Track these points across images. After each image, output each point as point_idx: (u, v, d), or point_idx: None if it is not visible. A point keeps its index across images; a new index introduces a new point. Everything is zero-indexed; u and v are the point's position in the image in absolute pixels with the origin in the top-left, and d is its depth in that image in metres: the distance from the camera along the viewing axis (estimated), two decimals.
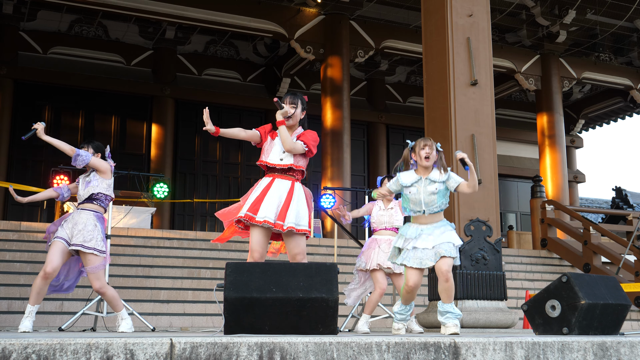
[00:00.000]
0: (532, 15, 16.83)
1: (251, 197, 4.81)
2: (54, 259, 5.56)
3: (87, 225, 5.65)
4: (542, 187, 15.25)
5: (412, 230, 4.91)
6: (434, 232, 4.86)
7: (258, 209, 4.71)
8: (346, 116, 15.27)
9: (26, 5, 15.51)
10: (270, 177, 4.88)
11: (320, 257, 10.76)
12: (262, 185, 4.84)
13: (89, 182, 5.83)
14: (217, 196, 17.52)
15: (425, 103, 8.20)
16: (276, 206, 4.74)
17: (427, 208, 4.87)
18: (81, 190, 5.82)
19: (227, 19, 14.87)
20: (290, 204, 4.77)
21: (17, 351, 2.57)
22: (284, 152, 4.86)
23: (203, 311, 8.75)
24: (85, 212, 5.72)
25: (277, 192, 4.78)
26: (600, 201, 25.94)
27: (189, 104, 17.55)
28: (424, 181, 4.91)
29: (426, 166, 4.92)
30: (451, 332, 4.75)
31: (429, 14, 8.22)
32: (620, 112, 21.79)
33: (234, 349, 2.90)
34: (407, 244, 4.90)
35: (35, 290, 5.55)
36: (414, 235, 4.88)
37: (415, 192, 4.89)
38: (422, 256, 4.83)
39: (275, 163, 4.86)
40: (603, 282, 4.93)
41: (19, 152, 15.77)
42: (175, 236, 10.98)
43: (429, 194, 4.87)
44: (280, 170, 4.87)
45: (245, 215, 4.72)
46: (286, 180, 4.85)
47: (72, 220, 5.69)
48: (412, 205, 4.92)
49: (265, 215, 4.69)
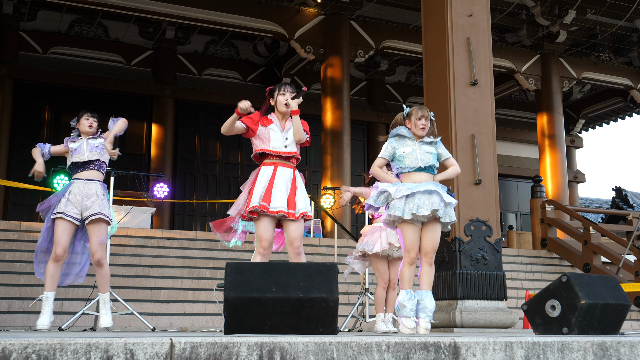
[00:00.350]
0: (532, 15, 16.83)
1: (258, 188, 4.84)
2: (62, 239, 5.46)
3: (99, 195, 5.60)
4: (542, 187, 15.25)
5: (405, 186, 4.89)
6: (428, 185, 4.88)
7: (270, 199, 4.78)
8: (346, 116, 15.27)
9: (26, 5, 15.52)
10: (272, 165, 4.92)
11: (320, 257, 10.75)
12: (267, 175, 4.88)
13: (96, 147, 5.77)
14: (217, 196, 17.52)
15: (425, 103, 8.20)
16: (285, 195, 4.83)
17: (424, 163, 4.94)
18: (86, 152, 5.70)
19: (227, 19, 14.87)
20: (297, 191, 4.89)
21: (17, 351, 2.57)
22: (286, 138, 4.94)
23: (203, 311, 8.75)
24: (92, 182, 5.64)
25: (283, 181, 4.86)
26: (600, 201, 25.95)
27: (189, 104, 17.55)
28: (417, 142, 5.04)
29: (421, 135, 5.05)
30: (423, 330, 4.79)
31: (429, 14, 8.22)
32: (620, 112, 21.79)
33: (234, 349, 2.90)
34: (400, 192, 4.85)
35: (49, 274, 5.47)
36: (409, 187, 4.86)
37: (411, 151, 4.98)
38: (419, 203, 4.78)
39: (280, 150, 4.93)
40: (603, 282, 4.93)
41: (19, 152, 15.77)
42: (175, 236, 10.98)
43: (425, 152, 4.99)
44: (283, 157, 4.93)
45: (261, 206, 4.76)
46: (288, 168, 4.93)
47: (79, 193, 5.57)
48: (407, 162, 4.95)
49: (279, 205, 4.79)
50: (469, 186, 7.52)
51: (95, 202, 5.57)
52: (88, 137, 5.83)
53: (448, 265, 7.43)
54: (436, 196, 4.83)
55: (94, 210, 5.54)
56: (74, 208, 5.53)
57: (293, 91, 5.03)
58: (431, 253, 4.87)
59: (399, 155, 5.01)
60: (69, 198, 5.55)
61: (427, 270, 4.88)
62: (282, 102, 4.99)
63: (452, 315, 7.15)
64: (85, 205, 5.55)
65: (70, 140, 5.82)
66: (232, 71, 18.28)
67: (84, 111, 5.97)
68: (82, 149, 5.74)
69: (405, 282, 4.90)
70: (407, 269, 4.90)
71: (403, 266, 4.90)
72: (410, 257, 4.86)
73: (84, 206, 5.55)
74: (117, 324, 7.91)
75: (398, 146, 5.04)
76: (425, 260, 4.88)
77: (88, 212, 5.54)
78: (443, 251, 7.50)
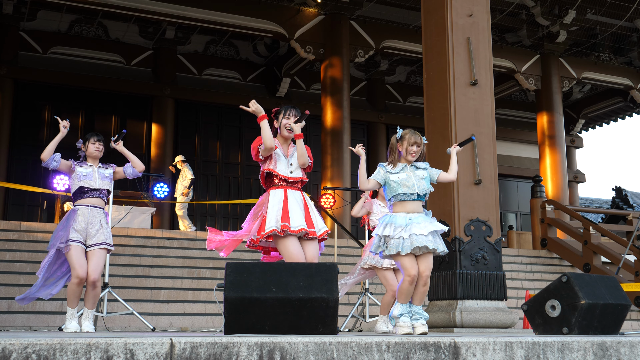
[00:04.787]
0: (532, 15, 16.83)
1: (272, 211, 4.75)
2: (82, 262, 5.60)
3: (103, 224, 5.76)
4: (542, 187, 15.25)
5: (400, 219, 4.91)
6: (422, 220, 4.91)
7: (289, 220, 4.71)
8: (346, 116, 15.27)
9: (26, 5, 15.52)
10: (281, 188, 4.86)
11: (320, 257, 10.70)
12: (279, 198, 4.81)
13: (107, 177, 5.91)
14: (217, 196, 17.52)
15: (425, 103, 8.20)
16: (302, 214, 4.79)
17: (420, 190, 4.94)
18: (97, 180, 5.82)
19: (227, 19, 14.87)
20: (311, 211, 4.87)
21: (17, 351, 2.57)
22: (291, 164, 4.90)
23: (203, 311, 8.75)
24: (96, 210, 5.77)
25: (295, 202, 4.82)
26: (600, 201, 25.95)
27: (189, 104, 17.55)
28: (410, 167, 5.03)
29: (410, 161, 5.05)
30: (421, 332, 4.82)
31: (429, 14, 8.21)
32: (620, 112, 21.79)
33: (234, 349, 2.90)
34: (397, 232, 4.88)
35: (75, 296, 5.66)
36: (404, 223, 4.88)
37: (405, 177, 4.96)
38: (418, 242, 4.84)
39: (286, 175, 4.88)
40: (603, 282, 4.93)
41: (19, 152, 15.77)
42: (175, 236, 10.98)
43: (419, 179, 4.98)
44: (289, 182, 4.88)
45: (282, 226, 4.68)
46: (296, 191, 4.89)
47: (83, 221, 5.69)
48: (403, 189, 4.94)
49: (299, 224, 4.72)
50: (469, 186, 7.52)
51: (99, 231, 5.73)
52: (98, 167, 5.94)
53: (448, 265, 7.43)
54: (430, 235, 4.88)
55: (99, 239, 5.71)
56: (79, 235, 5.68)
57: (297, 114, 4.96)
58: (426, 277, 4.94)
59: (393, 180, 4.98)
60: (73, 227, 5.68)
61: (422, 289, 4.96)
62: (285, 125, 4.93)
63: (452, 315, 7.15)
64: (90, 232, 5.70)
65: (78, 164, 5.86)
66: (232, 71, 18.28)
67: (91, 134, 6.01)
68: (93, 176, 5.86)
69: (403, 297, 4.98)
70: (408, 286, 4.96)
71: (403, 282, 4.96)
72: (412, 276, 4.93)
73: (88, 233, 5.70)
74: (117, 324, 7.92)
75: (391, 170, 5.02)
76: (421, 281, 4.96)
77: (92, 241, 5.70)
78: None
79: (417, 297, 4.95)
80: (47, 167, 5.76)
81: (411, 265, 4.88)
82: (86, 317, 5.75)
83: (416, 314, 4.93)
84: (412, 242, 4.82)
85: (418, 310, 4.95)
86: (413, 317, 4.92)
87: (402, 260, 4.90)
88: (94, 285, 5.70)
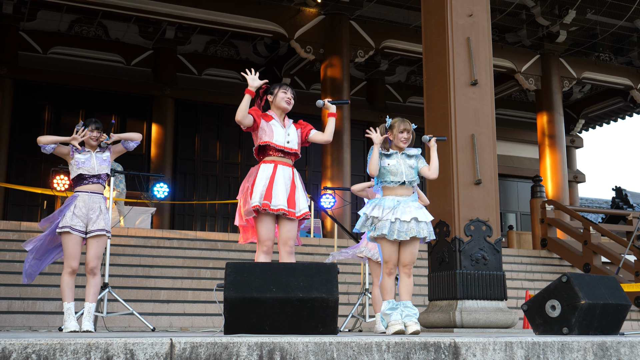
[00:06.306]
0: (532, 15, 16.83)
1: (259, 186, 4.85)
2: (75, 252, 5.62)
3: (102, 210, 5.77)
4: (542, 187, 15.25)
5: (389, 201, 4.96)
6: (410, 204, 4.96)
7: (271, 198, 4.80)
8: (346, 116, 15.27)
9: (26, 5, 15.51)
10: (271, 162, 4.93)
11: (320, 257, 10.75)
12: (267, 173, 4.89)
13: (105, 161, 5.91)
14: (217, 196, 17.52)
15: (425, 103, 8.20)
16: (286, 194, 4.85)
17: (407, 178, 5.00)
18: (96, 166, 5.83)
19: (227, 19, 14.86)
20: (296, 190, 4.94)
21: (17, 351, 2.57)
22: (288, 134, 4.99)
23: (203, 311, 8.75)
24: (96, 195, 5.78)
25: (283, 180, 4.88)
26: (600, 201, 25.95)
27: (189, 104, 17.55)
28: (400, 155, 5.08)
29: (402, 148, 5.10)
30: (413, 331, 4.81)
31: (429, 14, 8.21)
32: (620, 112, 21.79)
33: (234, 349, 2.90)
34: (385, 214, 4.92)
35: (67, 287, 5.64)
36: (392, 205, 4.92)
37: (395, 164, 5.02)
38: (401, 229, 4.87)
39: (283, 145, 4.96)
40: (603, 282, 4.93)
41: (19, 152, 15.77)
42: (175, 236, 10.98)
43: (408, 167, 5.05)
44: (285, 153, 4.96)
45: (263, 205, 4.78)
46: (287, 167, 4.96)
47: (84, 206, 5.69)
48: (391, 177, 5.01)
49: (279, 203, 4.81)
50: (469, 186, 7.52)
51: (100, 217, 5.74)
52: (96, 151, 5.94)
53: (448, 265, 7.43)
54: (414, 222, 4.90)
55: (99, 225, 5.71)
56: (80, 222, 5.68)
57: (293, 92, 5.13)
58: (410, 265, 4.97)
59: (383, 167, 5.05)
60: (74, 212, 5.67)
61: (407, 281, 4.98)
62: (283, 98, 5.06)
63: (452, 315, 7.15)
64: (90, 218, 5.71)
65: (75, 150, 5.86)
66: (232, 71, 18.27)
67: (89, 120, 6.00)
68: (91, 162, 5.86)
69: (386, 293, 4.98)
70: (387, 279, 4.99)
71: (383, 278, 4.97)
72: (389, 268, 4.98)
73: (89, 219, 5.71)
74: (117, 324, 7.92)
75: (386, 153, 5.09)
76: (404, 272, 4.99)
77: (93, 227, 5.71)
78: (443, 251, 7.50)
79: (404, 291, 4.95)
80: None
81: (389, 254, 4.92)
82: (87, 315, 5.74)
83: (407, 309, 4.90)
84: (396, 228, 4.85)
85: (409, 306, 4.92)
86: (405, 315, 4.89)
87: (383, 246, 4.94)
88: (93, 273, 5.70)
